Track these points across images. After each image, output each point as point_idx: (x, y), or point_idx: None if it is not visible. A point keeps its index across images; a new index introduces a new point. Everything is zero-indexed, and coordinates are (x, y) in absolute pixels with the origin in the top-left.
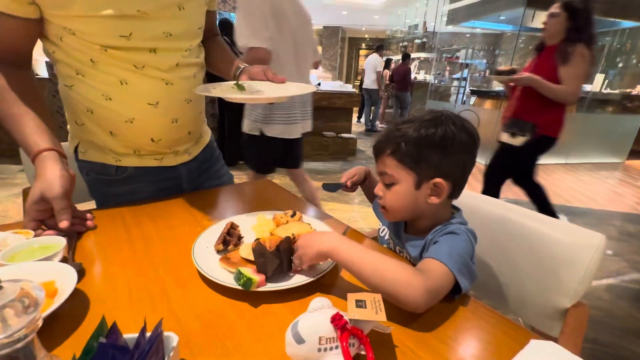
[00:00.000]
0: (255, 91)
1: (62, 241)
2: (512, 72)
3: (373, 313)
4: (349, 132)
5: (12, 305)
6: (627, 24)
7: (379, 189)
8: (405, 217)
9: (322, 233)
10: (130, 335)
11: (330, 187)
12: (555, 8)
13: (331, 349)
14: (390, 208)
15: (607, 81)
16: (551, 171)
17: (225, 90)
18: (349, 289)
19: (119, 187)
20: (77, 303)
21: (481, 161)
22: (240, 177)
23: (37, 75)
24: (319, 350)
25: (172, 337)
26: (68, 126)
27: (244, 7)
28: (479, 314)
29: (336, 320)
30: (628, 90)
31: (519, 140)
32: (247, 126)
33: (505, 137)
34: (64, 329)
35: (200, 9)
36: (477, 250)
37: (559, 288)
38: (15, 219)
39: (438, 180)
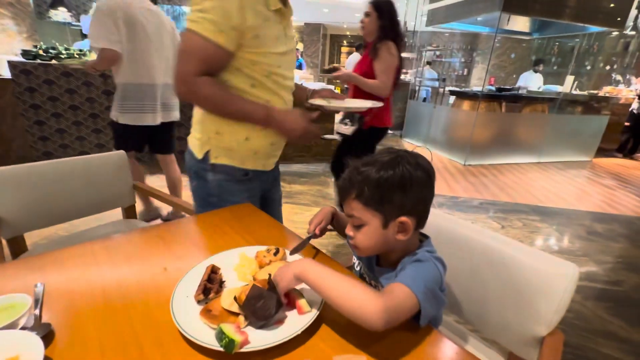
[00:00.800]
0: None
1: (27, 300)
2: (334, 69)
3: None
4: (332, 133)
5: None
6: (593, 28)
7: (349, 230)
8: (377, 253)
9: (295, 260)
10: None
11: (299, 247)
12: (367, 7)
13: None
14: (362, 247)
15: (576, 82)
16: (525, 170)
17: (325, 102)
18: (334, 341)
19: (240, 185)
20: None
21: (459, 160)
22: None
23: None
24: None
25: None
26: (198, 135)
27: (98, 14)
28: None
29: None
30: (595, 91)
31: (349, 130)
32: (111, 114)
33: (341, 128)
34: None
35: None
36: (457, 275)
37: (536, 317)
38: None
39: (403, 219)
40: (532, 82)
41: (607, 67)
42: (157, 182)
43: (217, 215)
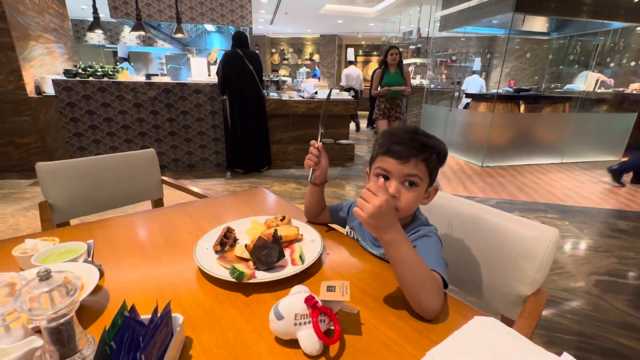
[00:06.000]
0: None
1: (83, 246)
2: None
3: (340, 295)
4: (347, 138)
5: (58, 289)
6: (616, 24)
7: (394, 189)
8: (406, 217)
9: (394, 221)
10: (145, 316)
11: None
12: None
13: (305, 323)
14: (404, 208)
15: (600, 80)
16: (546, 171)
17: None
18: (326, 279)
19: None
20: (100, 296)
21: (477, 162)
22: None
23: (44, 93)
24: (295, 324)
25: (179, 317)
26: None
27: None
28: None
29: (309, 300)
30: (621, 89)
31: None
32: None
33: None
34: (92, 315)
35: None
36: (448, 244)
37: (521, 278)
38: (26, 231)
39: (436, 187)
40: (473, 85)
41: (632, 64)
42: None
43: (236, 197)
